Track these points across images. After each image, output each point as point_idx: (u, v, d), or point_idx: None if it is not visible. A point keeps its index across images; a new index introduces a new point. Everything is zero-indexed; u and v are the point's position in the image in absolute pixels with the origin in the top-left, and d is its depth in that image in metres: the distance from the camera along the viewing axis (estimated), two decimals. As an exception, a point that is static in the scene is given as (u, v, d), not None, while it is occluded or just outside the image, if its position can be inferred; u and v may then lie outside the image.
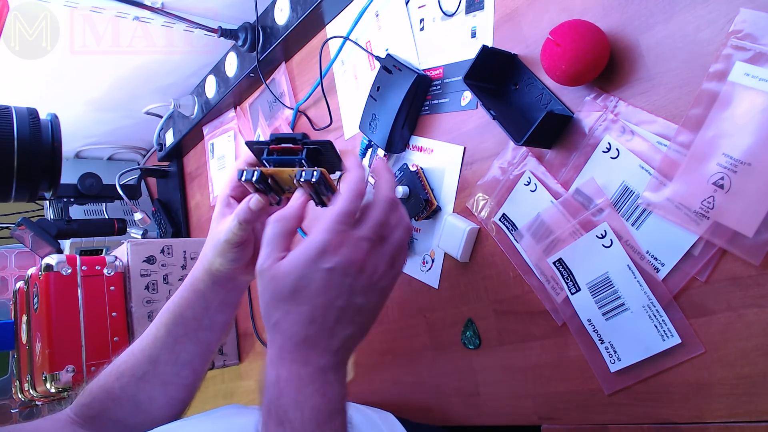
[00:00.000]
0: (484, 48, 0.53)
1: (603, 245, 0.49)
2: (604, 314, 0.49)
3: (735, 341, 0.42)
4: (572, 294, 0.51)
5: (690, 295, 0.45)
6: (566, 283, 0.51)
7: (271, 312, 0.45)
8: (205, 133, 1.11)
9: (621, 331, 0.48)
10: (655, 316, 0.46)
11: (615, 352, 0.48)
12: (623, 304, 0.48)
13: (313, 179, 0.45)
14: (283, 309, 0.44)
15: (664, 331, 0.45)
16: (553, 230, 0.52)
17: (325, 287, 0.43)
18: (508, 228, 0.57)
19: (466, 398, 0.62)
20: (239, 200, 0.56)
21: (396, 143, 0.67)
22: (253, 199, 0.52)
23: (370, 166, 0.71)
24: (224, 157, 1.04)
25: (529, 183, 0.55)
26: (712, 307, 0.43)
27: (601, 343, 0.49)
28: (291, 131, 0.83)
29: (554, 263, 0.52)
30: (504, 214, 0.57)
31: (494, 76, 0.56)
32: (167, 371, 0.61)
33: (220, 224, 0.56)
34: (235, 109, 1.04)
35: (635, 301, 0.47)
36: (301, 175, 0.46)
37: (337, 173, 0.49)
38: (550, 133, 0.52)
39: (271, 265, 0.44)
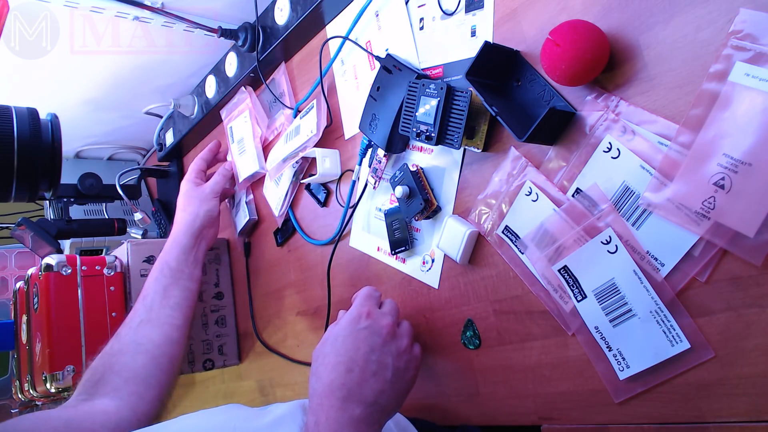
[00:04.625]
0: (487, 44, 0.53)
1: (608, 251, 0.48)
2: (611, 321, 0.49)
3: (735, 341, 0.42)
4: (578, 301, 0.50)
5: (690, 296, 0.45)
6: (572, 290, 0.51)
7: (314, 366, 0.55)
8: (223, 116, 1.05)
9: (629, 337, 0.48)
10: (663, 322, 0.46)
11: (624, 359, 0.48)
12: (630, 310, 0.47)
13: None
14: (323, 362, 0.54)
15: (672, 336, 0.45)
16: (557, 238, 0.52)
17: (362, 342, 0.54)
18: (511, 240, 0.56)
19: (466, 398, 0.62)
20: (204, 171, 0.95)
21: (396, 143, 0.67)
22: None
23: (370, 166, 0.71)
24: (243, 140, 0.98)
25: (530, 193, 0.55)
26: (712, 308, 0.43)
27: (609, 351, 0.49)
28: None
29: (559, 271, 0.51)
30: (507, 226, 0.57)
31: (496, 72, 0.56)
32: (162, 314, 0.76)
33: (203, 186, 0.91)
34: (246, 87, 0.99)
35: (642, 307, 0.47)
36: None
37: None
38: (553, 129, 0.52)
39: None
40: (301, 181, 0.86)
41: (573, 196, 0.51)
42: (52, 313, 0.86)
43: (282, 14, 0.83)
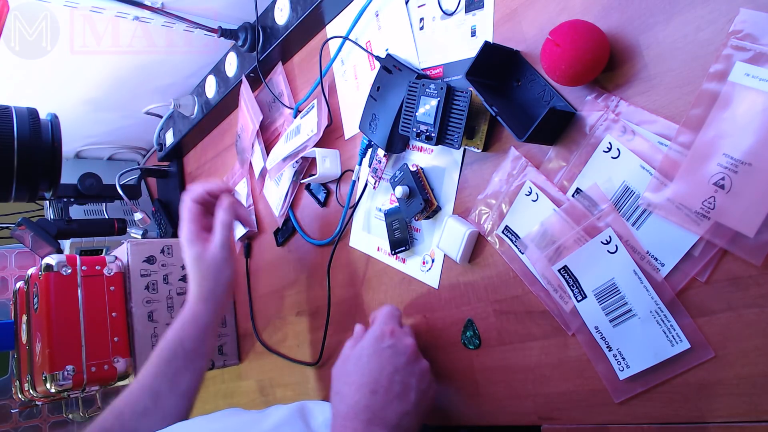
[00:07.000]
0: (487, 44, 0.53)
1: (608, 251, 0.48)
2: (611, 321, 0.49)
3: (735, 341, 0.42)
4: (578, 301, 0.50)
5: (690, 296, 0.45)
6: (572, 290, 0.51)
7: (337, 385, 0.54)
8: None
9: (629, 337, 0.48)
10: (662, 322, 0.46)
11: (624, 359, 0.48)
12: (630, 310, 0.47)
13: None
14: (346, 381, 0.53)
15: (672, 336, 0.45)
16: (557, 238, 0.52)
17: (387, 362, 0.53)
18: (511, 240, 0.56)
19: (466, 398, 0.62)
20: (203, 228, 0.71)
21: (396, 143, 0.67)
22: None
23: (370, 166, 0.71)
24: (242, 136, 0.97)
25: (530, 193, 0.55)
26: (712, 308, 0.43)
27: (609, 351, 0.49)
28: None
29: (559, 271, 0.51)
30: (507, 226, 0.57)
31: (496, 72, 0.56)
32: (169, 404, 0.66)
33: (210, 247, 0.70)
34: (243, 79, 0.96)
35: (642, 307, 0.47)
36: None
37: None
38: (553, 129, 0.52)
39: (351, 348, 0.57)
40: (301, 181, 0.86)
41: (573, 196, 0.51)
42: (52, 313, 0.86)
43: (282, 14, 0.83)
